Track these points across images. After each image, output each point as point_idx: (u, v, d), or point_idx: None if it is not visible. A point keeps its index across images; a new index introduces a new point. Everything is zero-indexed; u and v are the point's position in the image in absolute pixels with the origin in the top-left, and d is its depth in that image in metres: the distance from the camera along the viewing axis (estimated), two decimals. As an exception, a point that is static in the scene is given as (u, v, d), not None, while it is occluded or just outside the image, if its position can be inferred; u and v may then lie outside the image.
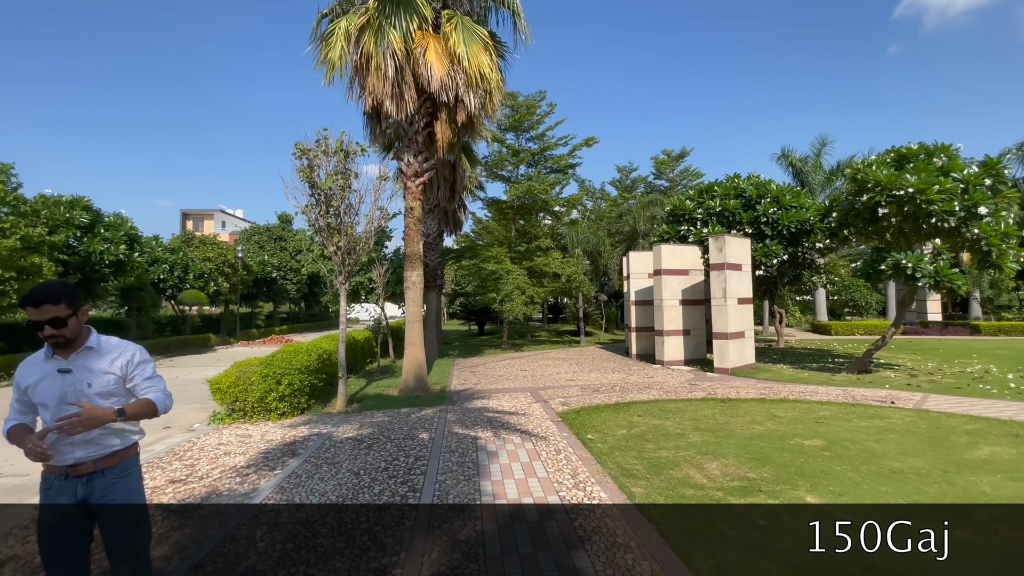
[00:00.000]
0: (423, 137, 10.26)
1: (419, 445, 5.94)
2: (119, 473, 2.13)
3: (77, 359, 2.10)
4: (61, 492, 2.05)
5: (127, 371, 2.16)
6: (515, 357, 16.45)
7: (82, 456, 2.05)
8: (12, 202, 13.51)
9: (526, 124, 21.87)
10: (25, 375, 2.11)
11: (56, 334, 1.99)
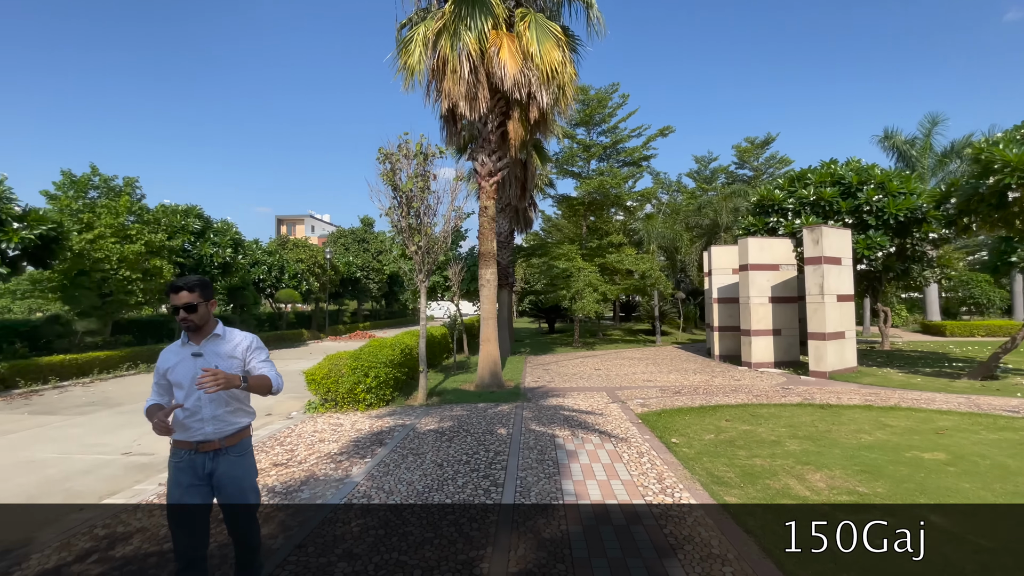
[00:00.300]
0: (496, 136, 10.37)
1: (498, 440, 5.99)
2: (239, 452, 2.43)
3: (207, 344, 2.42)
4: (191, 465, 2.34)
5: (246, 355, 2.47)
6: (587, 356, 16.21)
7: (211, 432, 2.34)
8: (137, 211, 15.44)
9: (597, 118, 21.44)
10: (165, 360, 2.45)
11: (187, 318, 2.33)
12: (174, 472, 2.36)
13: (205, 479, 2.34)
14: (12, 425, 7.59)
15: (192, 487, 2.32)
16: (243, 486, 2.41)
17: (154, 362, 11.90)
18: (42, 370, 11.17)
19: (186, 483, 2.31)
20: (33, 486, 5.01)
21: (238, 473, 2.39)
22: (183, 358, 2.41)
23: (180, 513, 2.30)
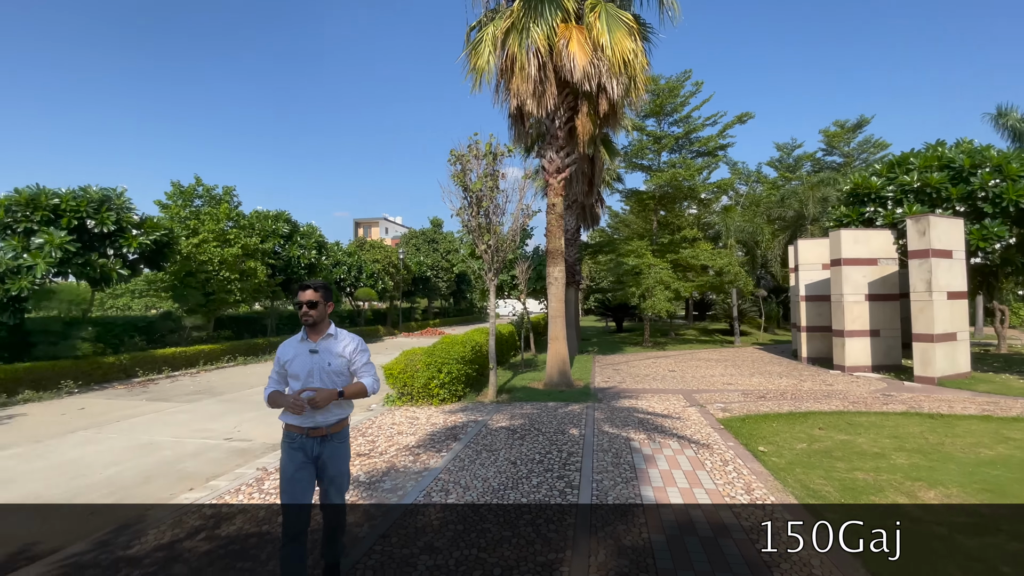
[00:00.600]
0: (564, 133, 10.24)
1: (570, 441, 5.90)
2: (341, 439, 2.76)
3: (322, 343, 2.74)
4: (302, 446, 2.66)
5: (352, 356, 2.77)
6: (659, 356, 15.63)
7: (320, 420, 2.66)
8: (235, 217, 16.89)
9: (668, 108, 20.60)
10: (285, 352, 2.77)
11: (308, 312, 2.68)
12: (287, 452, 2.67)
13: (312, 460, 2.66)
14: (133, 410, 8.58)
15: (303, 466, 2.64)
16: (341, 469, 2.74)
17: (250, 355, 12.92)
18: (157, 361, 12.54)
19: (298, 462, 2.63)
20: (151, 466, 5.60)
21: (339, 457, 2.72)
22: (300, 353, 2.72)
23: (292, 488, 2.61)
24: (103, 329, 12.70)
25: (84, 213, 11.23)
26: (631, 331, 27.03)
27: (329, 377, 2.70)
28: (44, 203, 10.86)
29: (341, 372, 2.74)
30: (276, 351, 2.81)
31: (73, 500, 4.57)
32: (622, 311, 27.02)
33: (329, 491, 2.74)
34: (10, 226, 10.67)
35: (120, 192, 12.24)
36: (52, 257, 10.52)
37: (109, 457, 5.88)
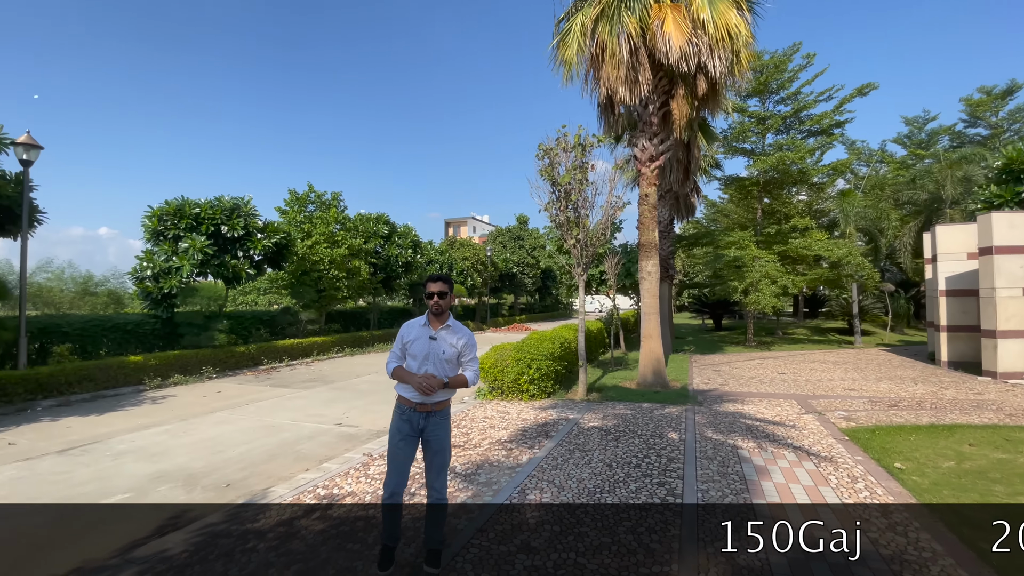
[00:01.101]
0: (658, 119, 9.71)
1: (669, 445, 5.56)
2: (443, 416, 3.07)
3: (441, 331, 3.04)
4: (410, 418, 3.00)
5: (463, 348, 3.06)
6: (765, 357, 14.36)
7: (428, 397, 2.97)
8: (342, 220, 18.29)
9: (774, 85, 18.83)
10: (407, 333, 3.09)
11: (439, 302, 3.00)
12: (397, 420, 3.04)
13: (417, 432, 3.01)
14: (260, 394, 9.60)
15: (408, 435, 3.00)
16: (444, 444, 3.05)
17: (356, 346, 13.88)
18: (278, 351, 13.97)
19: (405, 431, 2.99)
20: (273, 446, 6.19)
21: (441, 432, 3.04)
22: (421, 336, 3.03)
23: (398, 450, 3.00)
24: (235, 322, 14.40)
25: (219, 220, 12.80)
26: (731, 329, 25.22)
27: (441, 363, 2.98)
28: (188, 212, 12.53)
29: (451, 360, 3.01)
30: (397, 335, 3.13)
31: (213, 473, 5.19)
32: (721, 308, 25.29)
33: (433, 463, 3.03)
34: (162, 233, 12.46)
35: (247, 200, 13.78)
36: (195, 259, 12.11)
37: (241, 436, 6.61)
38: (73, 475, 5.10)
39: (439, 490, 3.02)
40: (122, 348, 11.74)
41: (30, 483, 4.88)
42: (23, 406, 8.10)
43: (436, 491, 3.03)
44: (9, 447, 6.11)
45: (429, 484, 3.06)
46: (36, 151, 8.78)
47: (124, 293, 18.41)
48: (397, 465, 3.00)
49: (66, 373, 8.92)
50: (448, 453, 3.08)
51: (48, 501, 4.43)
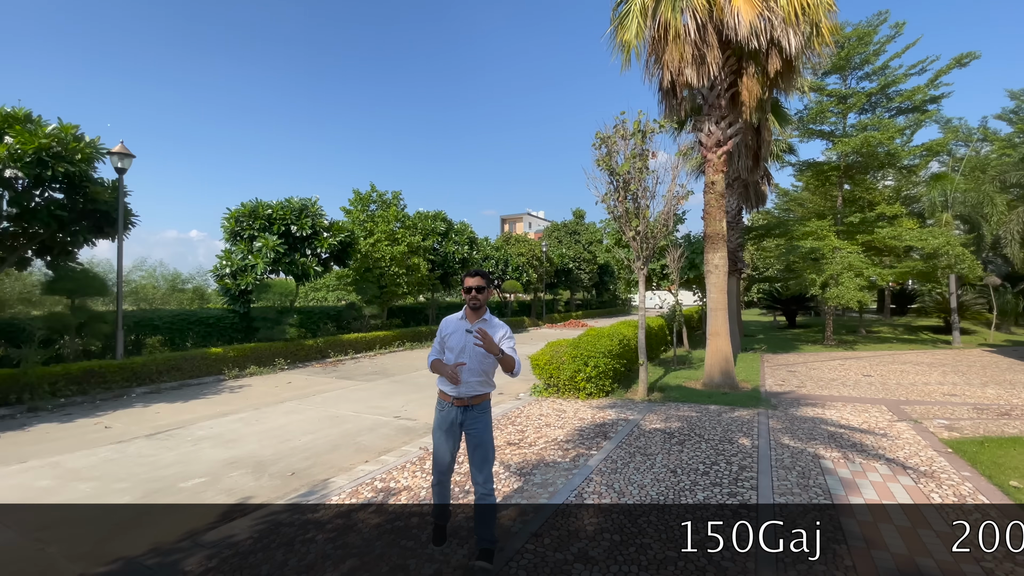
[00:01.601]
0: (725, 101, 9.08)
1: (740, 452, 5.15)
2: (481, 410, 3.11)
3: (478, 325, 3.05)
4: (449, 412, 3.09)
5: (500, 341, 3.03)
6: (847, 357, 13.17)
7: (464, 392, 3.04)
8: (401, 219, 18.78)
9: (856, 60, 17.17)
10: (446, 326, 3.19)
11: (476, 296, 3.08)
12: (438, 415, 3.15)
13: (457, 425, 3.09)
14: (326, 386, 10.00)
15: (448, 429, 3.09)
16: (483, 437, 3.08)
17: (415, 341, 14.20)
18: (343, 345, 14.56)
19: (445, 425, 3.10)
20: (336, 436, 6.38)
21: (479, 425, 3.08)
22: (458, 330, 3.11)
23: (439, 442, 3.12)
24: (304, 317, 15.18)
25: (289, 220, 13.49)
26: (806, 327, 23.45)
27: (479, 356, 3.02)
28: (261, 213, 13.29)
29: (489, 354, 2.99)
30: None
31: (279, 461, 5.40)
32: (795, 303, 23.57)
33: (474, 457, 3.08)
34: (239, 233, 13.31)
35: (314, 201, 14.43)
36: (267, 257, 12.84)
37: (307, 426, 6.88)
38: (158, 458, 5.49)
39: (483, 485, 3.04)
40: (205, 340, 12.69)
41: (121, 464, 5.30)
42: (120, 392, 8.91)
43: (481, 486, 3.04)
44: (106, 430, 6.71)
45: (474, 480, 3.09)
46: (129, 159, 9.61)
47: (207, 290, 19.96)
48: (440, 457, 3.12)
49: (157, 363, 9.72)
50: (489, 447, 3.10)
51: (134, 483, 4.78)
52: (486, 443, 3.07)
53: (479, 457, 3.05)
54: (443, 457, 3.11)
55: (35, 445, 6.02)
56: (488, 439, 3.09)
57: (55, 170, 8.10)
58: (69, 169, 8.31)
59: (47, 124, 8.27)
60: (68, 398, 8.29)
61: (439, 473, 3.15)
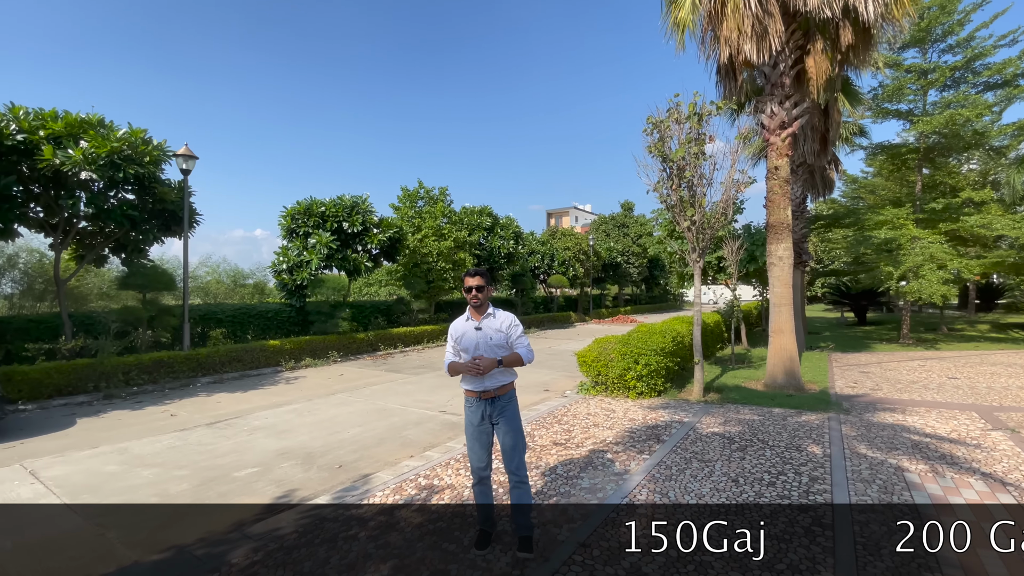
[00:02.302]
0: (790, 79, 8.39)
1: (810, 461, 4.69)
2: (507, 400, 3.19)
3: (484, 321, 3.18)
4: (477, 407, 3.16)
5: (508, 330, 3.18)
6: (927, 357, 11.99)
7: (488, 386, 3.13)
8: (448, 214, 18.91)
9: (938, 31, 15.53)
10: (456, 330, 3.26)
11: (477, 296, 3.14)
12: (468, 413, 3.22)
13: (487, 418, 3.16)
14: (375, 379, 10.17)
15: (480, 424, 3.16)
16: (513, 425, 3.17)
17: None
18: (393, 338, 14.84)
19: (476, 421, 3.16)
20: (383, 430, 6.41)
21: (508, 414, 3.17)
22: (468, 330, 3.19)
23: (474, 439, 3.19)
24: (356, 311, 15.58)
25: (341, 217, 13.85)
26: (877, 324, 21.69)
27: (491, 349, 3.12)
28: (315, 211, 13.71)
29: (501, 344, 3.14)
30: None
31: (328, 453, 5.46)
32: (865, 299, 21.85)
33: (505, 445, 3.17)
34: (295, 230, 13.80)
35: (364, 198, 14.75)
36: (321, 253, 13.24)
37: (356, 418, 6.97)
38: (216, 447, 5.70)
39: (516, 473, 3.14)
40: (264, 333, 13.26)
41: (182, 452, 5.54)
42: (186, 381, 9.44)
43: (515, 474, 3.15)
44: (171, 418, 7.08)
45: (507, 469, 3.17)
46: (193, 160, 10.12)
47: (266, 284, 20.96)
48: (476, 454, 3.18)
49: (220, 354, 10.23)
50: (519, 436, 3.19)
51: (193, 471, 4.96)
52: (515, 431, 3.16)
53: (509, 446, 3.15)
54: (479, 455, 3.17)
55: (107, 431, 6.42)
56: (517, 427, 3.18)
57: (126, 172, 8.62)
58: (139, 171, 8.84)
59: (118, 128, 8.82)
60: (140, 386, 8.86)
61: (478, 471, 3.18)
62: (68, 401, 8.06)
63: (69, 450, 5.69)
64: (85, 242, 9.97)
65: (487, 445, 3.18)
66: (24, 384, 7.80)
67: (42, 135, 8.32)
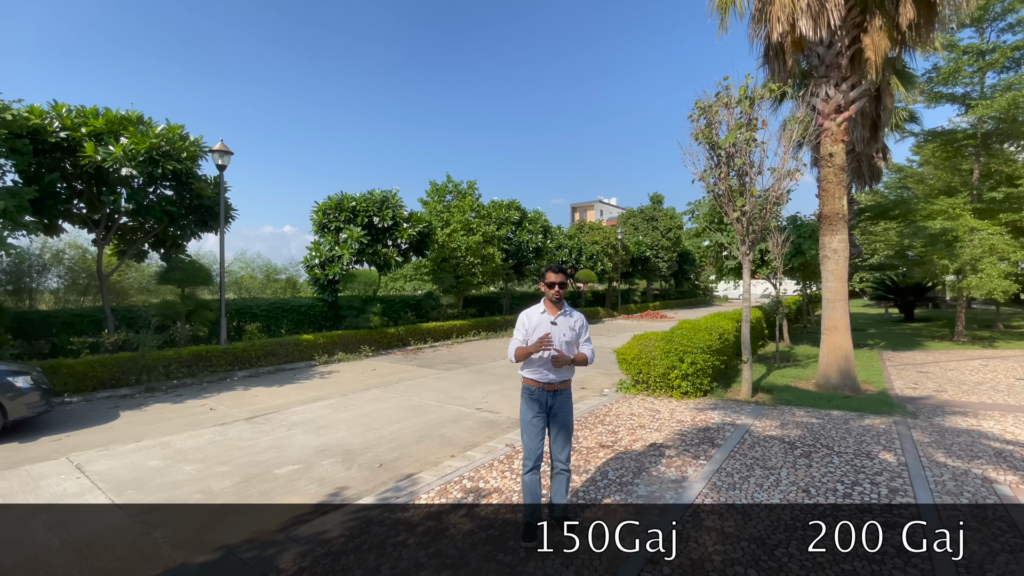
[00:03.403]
0: (846, 60, 7.87)
1: (886, 470, 4.32)
2: (567, 395, 3.33)
3: (560, 317, 3.29)
4: (540, 397, 3.24)
5: (579, 330, 3.34)
6: (989, 356, 11.23)
7: (554, 379, 3.24)
8: (476, 208, 18.71)
9: (998, 8, 14.48)
10: (528, 320, 3.32)
11: (558, 291, 3.27)
12: (527, 402, 3.28)
13: (546, 408, 3.26)
14: (408, 374, 10.09)
15: (538, 414, 3.25)
16: (568, 419, 3.32)
17: (490, 330, 14.01)
18: (422, 333, 14.79)
19: (535, 410, 3.25)
20: (420, 427, 6.27)
21: (567, 408, 3.31)
22: (543, 323, 3.27)
23: (531, 427, 3.25)
24: (387, 306, 15.59)
25: (371, 212, 13.82)
26: (927, 320, 20.60)
27: (563, 346, 3.23)
28: (346, 206, 13.71)
29: (572, 342, 3.28)
30: (516, 321, 3.37)
31: (367, 451, 5.34)
32: (913, 294, 20.78)
33: (559, 436, 3.29)
34: (326, 225, 13.83)
35: (394, 193, 14.69)
36: (352, 248, 13.24)
37: (392, 414, 6.86)
38: (255, 443, 5.65)
39: (565, 463, 3.30)
40: (297, 327, 13.37)
41: (222, 447, 5.51)
42: (224, 375, 9.53)
43: (563, 463, 3.30)
44: (211, 412, 7.10)
45: (555, 458, 3.31)
46: (228, 156, 10.17)
47: (298, 280, 21.22)
48: (533, 443, 3.23)
49: (255, 348, 10.31)
50: (572, 427, 3.36)
51: (234, 467, 4.90)
52: (570, 424, 3.32)
53: (563, 438, 3.28)
54: (536, 445, 3.24)
55: (149, 425, 6.47)
56: (572, 421, 3.34)
57: (164, 168, 8.70)
58: (177, 167, 8.91)
59: (156, 125, 8.90)
60: (179, 379, 8.97)
61: (534, 460, 3.23)
62: (111, 394, 8.21)
63: (113, 443, 5.72)
64: (126, 237, 10.15)
65: (542, 434, 3.27)
66: (69, 377, 7.97)
67: (84, 132, 8.46)
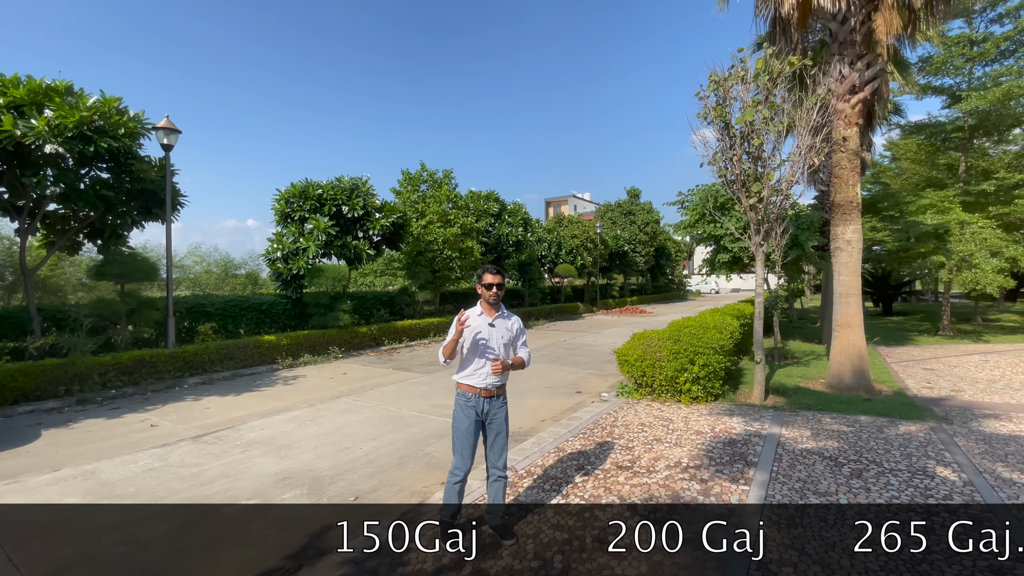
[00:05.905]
0: (861, 37, 7.33)
1: (953, 491, 3.71)
2: (503, 400, 3.27)
3: (498, 319, 3.23)
4: (477, 404, 3.15)
5: (516, 332, 3.31)
6: (984, 351, 11.07)
7: (490, 384, 3.15)
8: (453, 199, 17.75)
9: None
10: (468, 323, 3.10)
11: (496, 293, 3.19)
12: (462, 409, 3.16)
13: (482, 415, 3.16)
14: (383, 378, 9.15)
15: (474, 422, 3.13)
16: (503, 425, 3.23)
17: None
18: (397, 332, 13.81)
19: (471, 418, 3.12)
20: (402, 444, 5.41)
21: (501, 414, 3.23)
22: (481, 325, 3.17)
23: (468, 437, 3.11)
24: (358, 303, 14.51)
25: (340, 200, 12.72)
26: (905, 314, 20.80)
27: (503, 347, 3.17)
28: (311, 193, 12.57)
29: (509, 344, 3.24)
30: (451, 322, 3.41)
31: (339, 479, 4.45)
32: (891, 288, 20.94)
33: (496, 442, 3.20)
34: (290, 215, 12.66)
35: (365, 180, 13.60)
36: (319, 240, 12.13)
37: (367, 429, 5.96)
38: (202, 470, 4.67)
39: (502, 468, 3.22)
40: (258, 327, 12.19)
41: (161, 477, 4.51)
42: (172, 383, 8.38)
43: (499, 470, 3.20)
44: (152, 429, 6.04)
45: (492, 466, 3.21)
46: (175, 135, 8.97)
47: (260, 275, 19.80)
48: (467, 454, 3.11)
49: (209, 352, 9.17)
50: (508, 432, 3.27)
51: (172, 503, 3.94)
52: (505, 430, 3.25)
53: (500, 444, 3.21)
54: (470, 455, 3.11)
55: (74, 447, 5.38)
56: (507, 426, 3.27)
57: (98, 146, 7.49)
58: (113, 145, 7.70)
59: (88, 96, 7.66)
60: (119, 389, 7.81)
61: (464, 472, 3.12)
62: (35, 407, 7.01)
63: (25, 473, 4.66)
64: (55, 227, 8.84)
65: (474, 439, 3.14)
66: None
67: (1, 103, 7.18)
